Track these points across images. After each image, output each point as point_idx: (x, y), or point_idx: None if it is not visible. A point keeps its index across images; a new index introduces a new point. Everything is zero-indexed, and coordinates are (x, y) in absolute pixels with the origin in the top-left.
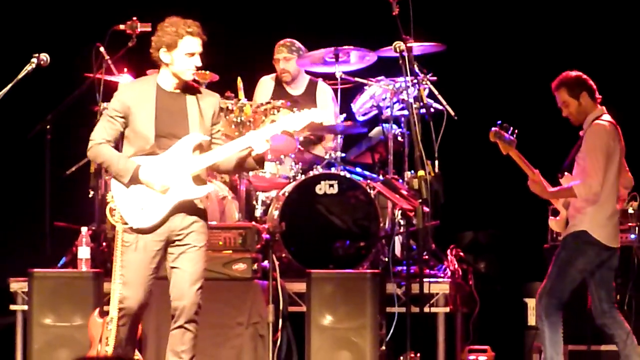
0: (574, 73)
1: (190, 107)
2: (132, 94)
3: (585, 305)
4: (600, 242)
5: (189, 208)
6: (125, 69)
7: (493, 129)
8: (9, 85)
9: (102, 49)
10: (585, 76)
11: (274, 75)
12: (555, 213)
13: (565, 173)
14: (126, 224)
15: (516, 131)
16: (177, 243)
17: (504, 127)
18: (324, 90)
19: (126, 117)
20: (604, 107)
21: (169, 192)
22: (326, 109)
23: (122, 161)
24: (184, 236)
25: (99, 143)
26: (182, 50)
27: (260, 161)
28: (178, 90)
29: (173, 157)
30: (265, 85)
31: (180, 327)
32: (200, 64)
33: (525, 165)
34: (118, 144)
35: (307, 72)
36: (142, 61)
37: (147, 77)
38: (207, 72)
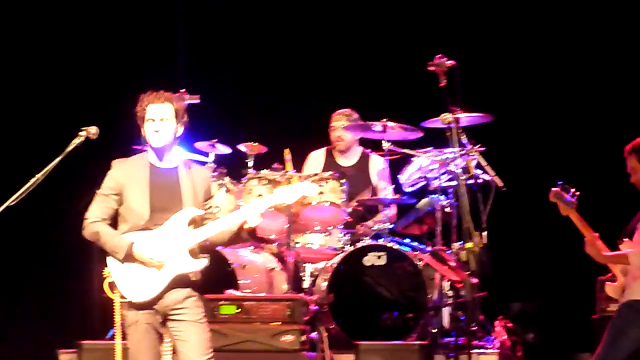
0: None
1: (183, 182)
2: (125, 172)
3: None
4: None
5: (182, 283)
6: None
7: (554, 189)
8: (59, 157)
9: None
10: None
11: (323, 149)
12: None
13: (625, 239)
14: (124, 298)
15: (577, 193)
16: (174, 318)
17: (565, 188)
18: (376, 163)
19: (120, 194)
20: None
21: (166, 266)
22: (379, 183)
23: (116, 239)
24: (180, 311)
25: (94, 221)
26: (147, 120)
27: (252, 234)
28: (170, 166)
29: (168, 231)
30: (316, 159)
31: None
32: (160, 128)
33: (585, 228)
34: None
35: (362, 145)
36: (189, 133)
37: (139, 155)
38: (255, 143)
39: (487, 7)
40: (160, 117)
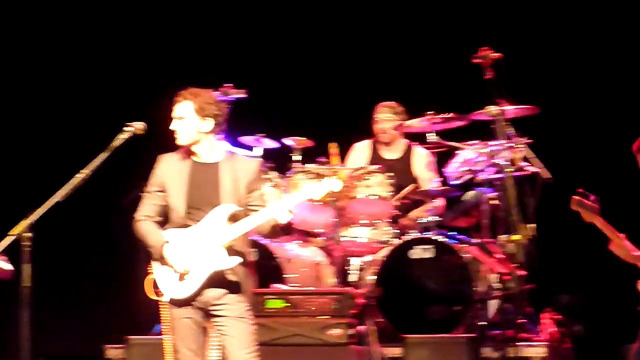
0: None
1: (223, 177)
2: (167, 168)
3: None
4: None
5: (221, 280)
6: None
7: (574, 197)
8: (105, 154)
9: None
10: None
11: (368, 141)
12: None
13: None
14: (162, 295)
15: (598, 198)
16: (216, 313)
17: (585, 195)
18: (421, 155)
19: (163, 190)
20: None
21: (201, 263)
22: (422, 175)
23: (152, 237)
24: (220, 307)
25: (138, 220)
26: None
27: (285, 230)
28: (212, 160)
29: (204, 228)
30: (360, 151)
31: None
32: (175, 127)
33: (611, 232)
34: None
35: (407, 137)
36: (236, 127)
37: (183, 150)
38: (302, 138)
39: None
40: (177, 115)
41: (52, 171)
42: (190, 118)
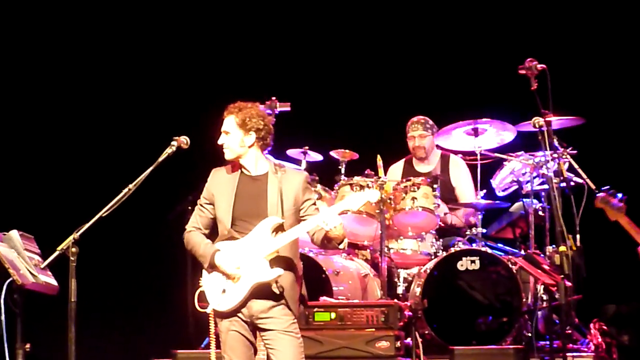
0: None
1: (270, 189)
2: (217, 181)
3: None
4: None
5: (267, 292)
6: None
7: (599, 194)
8: (151, 168)
9: None
10: None
11: (401, 161)
12: None
13: None
14: (210, 307)
15: (625, 197)
16: (262, 327)
17: (612, 193)
18: (457, 164)
19: (212, 203)
20: None
21: (245, 275)
22: (460, 183)
23: (203, 247)
24: (266, 320)
25: (189, 231)
26: None
27: (338, 241)
28: (261, 173)
29: (250, 241)
30: (394, 172)
31: None
32: (223, 141)
33: (635, 231)
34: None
35: (440, 148)
36: (281, 140)
37: (234, 163)
38: (347, 150)
39: (578, 10)
40: (223, 129)
41: (97, 187)
42: (234, 132)
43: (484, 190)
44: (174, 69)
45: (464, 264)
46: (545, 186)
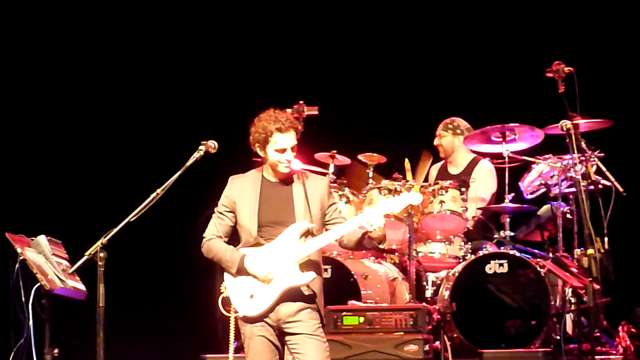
0: None
1: (296, 195)
2: (237, 188)
3: None
4: None
5: (295, 295)
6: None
7: None
8: (179, 172)
9: None
10: None
11: (441, 162)
12: None
13: None
14: (237, 312)
15: None
16: (289, 331)
17: None
18: (482, 168)
19: (233, 211)
20: None
21: (275, 280)
22: (480, 185)
23: (228, 253)
24: (294, 324)
25: (209, 239)
26: (272, 147)
27: (379, 241)
28: (283, 179)
29: (279, 245)
30: (432, 174)
31: None
32: (291, 157)
33: None
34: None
35: (474, 152)
36: (309, 144)
37: (255, 170)
38: (375, 154)
39: (605, 12)
40: (290, 146)
41: (125, 191)
42: (295, 144)
43: (512, 194)
44: (204, 73)
45: (492, 267)
46: (573, 189)
